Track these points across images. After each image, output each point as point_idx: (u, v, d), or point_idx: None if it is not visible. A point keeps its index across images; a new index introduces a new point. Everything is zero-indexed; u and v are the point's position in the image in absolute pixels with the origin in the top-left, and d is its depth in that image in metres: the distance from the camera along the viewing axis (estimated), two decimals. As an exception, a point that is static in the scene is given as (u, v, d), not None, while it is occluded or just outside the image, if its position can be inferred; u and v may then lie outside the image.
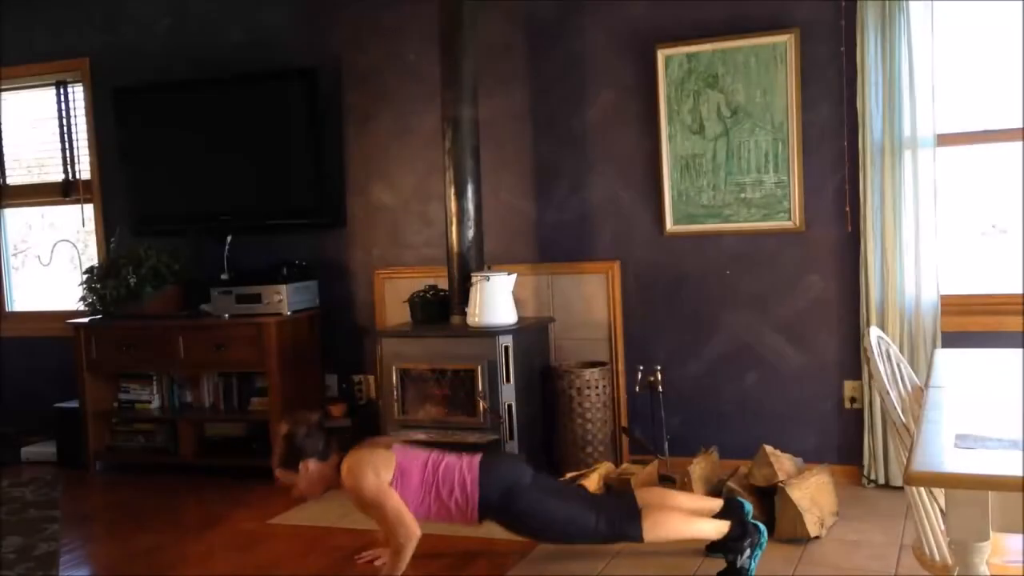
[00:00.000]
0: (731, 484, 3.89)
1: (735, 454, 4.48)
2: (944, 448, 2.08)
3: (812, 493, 3.82)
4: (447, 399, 4.69)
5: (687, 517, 3.47)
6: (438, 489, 3.50)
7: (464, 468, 3.53)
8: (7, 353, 6.11)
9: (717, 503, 3.59)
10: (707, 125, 4.63)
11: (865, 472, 4.42)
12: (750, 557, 3.39)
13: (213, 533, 4.33)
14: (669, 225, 4.74)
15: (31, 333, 6.09)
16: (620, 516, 3.46)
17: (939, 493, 2.28)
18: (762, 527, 3.47)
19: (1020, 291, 4.26)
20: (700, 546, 3.60)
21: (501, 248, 5.02)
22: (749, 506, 3.55)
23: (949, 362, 3.10)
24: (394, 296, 5.21)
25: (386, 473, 3.48)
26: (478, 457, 3.59)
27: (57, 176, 6.03)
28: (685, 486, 3.90)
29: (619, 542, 3.51)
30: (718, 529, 3.45)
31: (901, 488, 4.09)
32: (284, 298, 5.13)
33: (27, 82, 6.06)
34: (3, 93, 6.12)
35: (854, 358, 4.48)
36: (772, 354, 4.63)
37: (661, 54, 4.66)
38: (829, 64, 4.44)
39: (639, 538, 3.41)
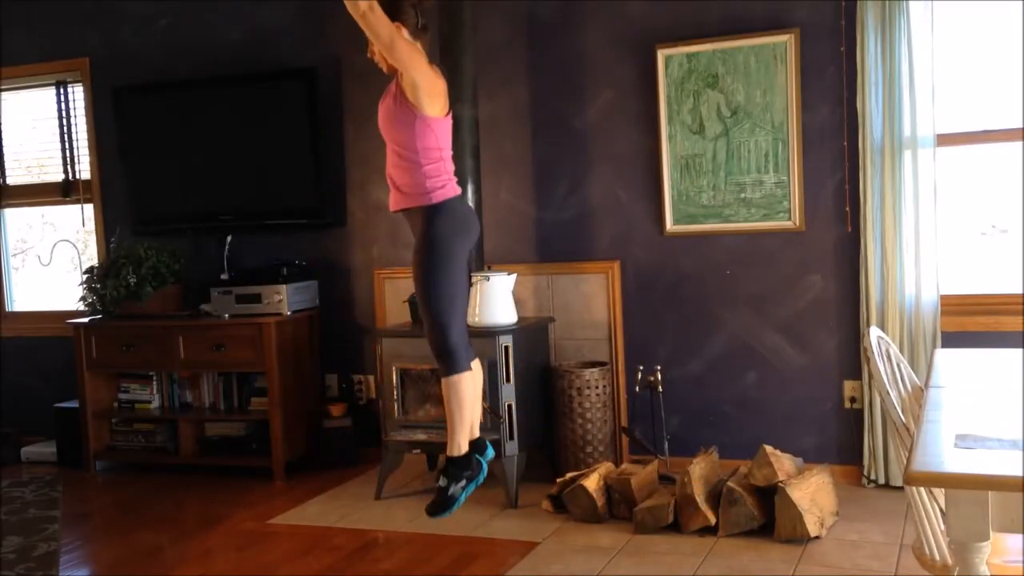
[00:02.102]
0: (731, 484, 3.89)
1: (735, 454, 4.48)
2: (944, 448, 2.08)
3: (812, 493, 3.82)
4: (447, 399, 4.68)
5: (470, 407, 3.37)
6: (433, 157, 3.29)
7: (453, 178, 3.37)
8: (7, 353, 6.11)
9: (476, 432, 3.44)
10: (707, 125, 4.63)
11: (865, 472, 4.42)
12: (463, 488, 3.35)
13: (213, 533, 4.33)
14: (669, 225, 4.74)
15: (31, 333, 6.09)
16: (467, 347, 3.34)
17: (939, 493, 2.28)
18: (485, 467, 3.41)
19: (1020, 291, 4.26)
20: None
21: (501, 248, 5.02)
22: (491, 452, 3.47)
23: (949, 362, 3.10)
24: (394, 296, 5.21)
25: (441, 100, 3.27)
26: (458, 193, 3.40)
27: (57, 176, 6.03)
28: (685, 486, 3.90)
29: (441, 358, 3.29)
30: (462, 444, 3.35)
31: (901, 488, 4.09)
32: (284, 298, 5.13)
33: (27, 82, 6.06)
34: (3, 93, 6.12)
35: (854, 358, 4.48)
36: (772, 354, 4.63)
37: (661, 54, 4.66)
38: (829, 64, 4.44)
39: (458, 367, 3.27)
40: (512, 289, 4.64)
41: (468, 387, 3.31)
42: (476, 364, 3.41)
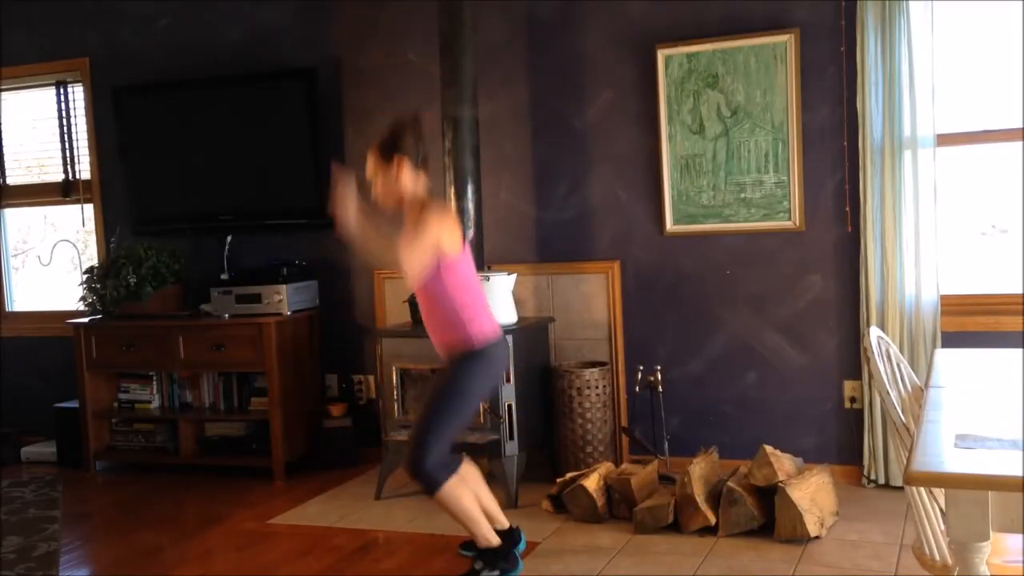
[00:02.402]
0: (731, 484, 3.89)
1: (735, 454, 4.48)
2: (944, 448, 2.08)
3: (812, 493, 3.82)
4: (447, 399, 4.68)
5: (477, 507, 3.42)
6: (464, 301, 3.36)
7: (485, 308, 3.44)
8: (7, 353, 6.11)
9: (504, 522, 3.53)
10: (707, 125, 4.63)
11: (865, 472, 4.42)
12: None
13: (213, 533, 4.33)
14: (669, 225, 4.74)
15: (31, 333, 6.09)
16: (445, 462, 3.37)
17: (939, 493, 2.28)
18: (520, 564, 3.48)
19: (1020, 291, 4.26)
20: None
21: (501, 248, 5.02)
22: (523, 544, 3.56)
23: (949, 362, 3.10)
24: (394, 296, 5.21)
25: (456, 239, 3.33)
26: (501, 332, 3.51)
27: (57, 176, 6.03)
28: (685, 486, 3.90)
29: (415, 479, 3.34)
30: (489, 538, 3.42)
31: (901, 488, 4.09)
32: (284, 298, 5.13)
33: (27, 82, 6.06)
34: (3, 93, 6.12)
35: (854, 358, 4.48)
36: (772, 354, 4.63)
37: (661, 54, 4.66)
38: (829, 64, 4.44)
39: (436, 487, 3.30)
40: (512, 289, 4.64)
41: (454, 495, 3.34)
42: (468, 465, 3.48)
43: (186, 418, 5.40)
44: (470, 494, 3.41)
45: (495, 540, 3.41)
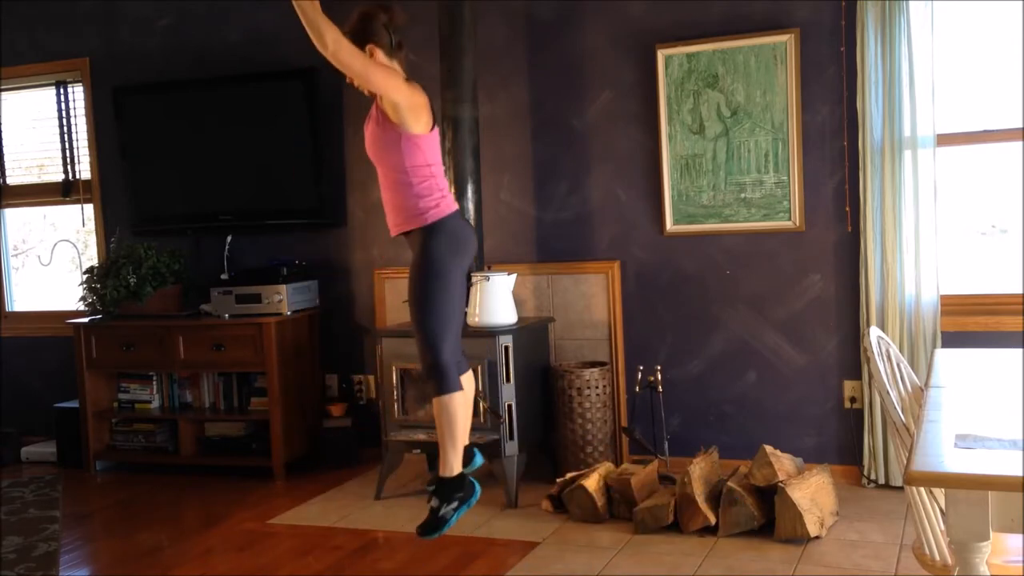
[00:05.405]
0: (731, 484, 3.89)
1: (735, 454, 4.49)
2: (944, 448, 2.08)
3: (812, 493, 3.82)
4: (447, 399, 4.68)
5: (467, 431, 3.35)
6: (423, 174, 3.29)
7: (448, 193, 3.37)
8: (7, 353, 6.11)
9: (466, 440, 3.42)
10: (707, 125, 4.63)
11: (865, 472, 4.42)
12: (455, 510, 3.31)
13: (213, 533, 4.33)
14: (669, 225, 4.74)
15: (31, 333, 6.09)
16: (459, 363, 3.33)
17: (939, 493, 2.28)
18: (477, 487, 3.38)
19: (1020, 291, 4.26)
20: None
21: (501, 248, 5.02)
22: (480, 460, 3.45)
23: (949, 362, 3.10)
24: (394, 296, 5.21)
25: (423, 118, 3.27)
26: (458, 208, 3.43)
27: (57, 176, 6.03)
28: (685, 486, 3.90)
29: (432, 377, 3.28)
30: (455, 465, 3.32)
31: (901, 488, 4.09)
32: (284, 298, 5.13)
33: (27, 82, 6.06)
34: (3, 93, 6.12)
35: (854, 358, 4.48)
36: (772, 354, 4.63)
37: (661, 54, 4.66)
38: (829, 64, 4.44)
39: (451, 388, 3.25)
40: (512, 289, 4.64)
41: (459, 406, 3.29)
42: (468, 378, 3.41)
43: (186, 418, 5.40)
44: (467, 417, 3.34)
45: (459, 468, 3.33)
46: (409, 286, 3.33)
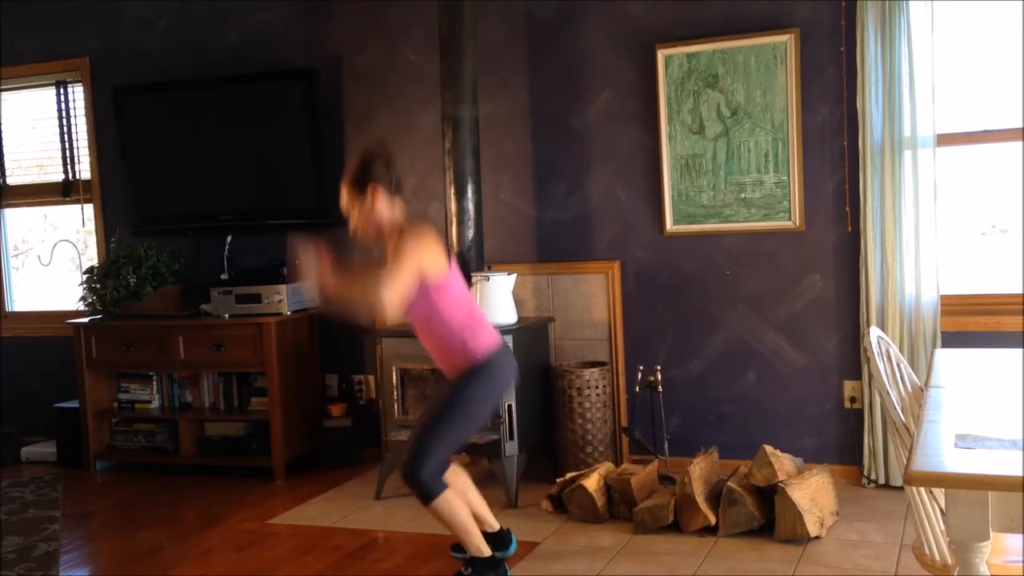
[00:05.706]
0: (731, 484, 3.89)
1: (735, 454, 4.49)
2: (944, 448, 2.08)
3: (812, 493, 3.82)
4: (447, 399, 4.68)
5: (471, 518, 3.40)
6: (458, 313, 3.30)
7: (483, 321, 3.38)
8: (7, 353, 6.11)
9: (494, 525, 3.52)
10: (707, 125, 4.63)
11: (865, 472, 4.42)
12: None
13: (213, 533, 4.33)
14: (669, 225, 4.74)
15: (31, 333, 6.09)
16: (442, 471, 3.34)
17: (939, 493, 2.28)
18: (508, 572, 3.48)
19: (1020, 291, 4.26)
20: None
21: (501, 248, 5.02)
22: (514, 548, 3.54)
23: (949, 362, 3.10)
24: (394, 296, 5.20)
25: (440, 260, 3.25)
26: (502, 340, 3.45)
27: (57, 176, 6.03)
28: (685, 486, 3.90)
29: (410, 487, 3.30)
30: (480, 548, 3.40)
31: (901, 488, 4.09)
32: (284, 298, 5.13)
33: (27, 82, 6.06)
34: (3, 93, 6.12)
35: (854, 358, 4.48)
36: (772, 354, 4.63)
37: (661, 54, 4.66)
38: (829, 64, 4.44)
39: (432, 497, 3.26)
40: (512, 289, 4.64)
41: (449, 506, 3.31)
42: (455, 469, 3.44)
43: (186, 418, 5.40)
44: (464, 506, 3.39)
45: (486, 551, 3.39)
46: (434, 401, 3.40)
